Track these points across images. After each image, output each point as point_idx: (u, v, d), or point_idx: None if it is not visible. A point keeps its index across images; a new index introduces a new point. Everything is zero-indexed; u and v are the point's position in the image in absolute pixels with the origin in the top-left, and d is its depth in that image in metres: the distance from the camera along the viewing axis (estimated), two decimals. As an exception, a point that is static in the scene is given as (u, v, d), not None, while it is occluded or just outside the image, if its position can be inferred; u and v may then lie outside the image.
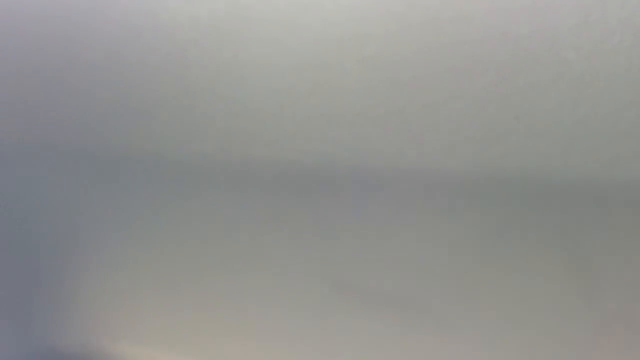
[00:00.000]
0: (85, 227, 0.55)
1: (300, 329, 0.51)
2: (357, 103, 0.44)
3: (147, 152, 0.51)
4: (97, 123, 0.52)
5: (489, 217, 0.43)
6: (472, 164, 0.42)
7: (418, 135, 0.43)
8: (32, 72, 0.53)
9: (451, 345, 0.46)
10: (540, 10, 0.39)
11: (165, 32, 0.49)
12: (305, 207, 0.47)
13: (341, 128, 0.45)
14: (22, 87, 0.54)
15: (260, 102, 0.47)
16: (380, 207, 0.46)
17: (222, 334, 0.53)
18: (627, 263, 0.40)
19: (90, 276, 0.56)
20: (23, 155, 0.55)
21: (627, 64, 0.38)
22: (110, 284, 0.56)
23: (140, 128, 0.51)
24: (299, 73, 0.45)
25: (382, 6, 0.43)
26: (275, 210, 0.48)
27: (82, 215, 0.55)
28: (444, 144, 0.42)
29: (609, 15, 0.38)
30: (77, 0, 0.51)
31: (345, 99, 0.44)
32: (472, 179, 0.42)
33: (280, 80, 0.46)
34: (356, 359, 0.50)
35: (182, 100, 0.49)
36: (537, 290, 0.43)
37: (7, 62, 0.54)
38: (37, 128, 0.54)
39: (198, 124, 0.49)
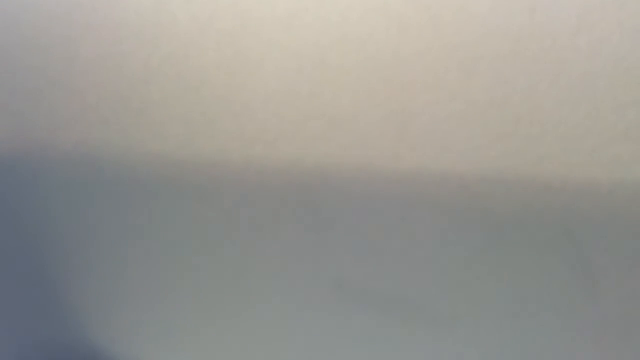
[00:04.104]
0: (84, 227, 0.55)
1: (300, 328, 0.51)
2: (357, 104, 0.44)
3: (147, 152, 0.51)
4: (97, 123, 0.52)
5: (489, 218, 0.43)
6: (472, 164, 0.42)
7: (418, 136, 0.43)
8: (31, 71, 0.53)
9: (450, 345, 0.46)
10: (540, 11, 0.39)
11: (166, 33, 0.49)
12: (305, 208, 0.48)
13: (341, 128, 0.45)
14: (22, 87, 0.54)
15: (260, 103, 0.47)
16: (379, 208, 0.46)
17: (223, 334, 0.53)
18: (629, 264, 0.40)
19: (90, 277, 0.56)
20: (23, 155, 0.55)
21: (627, 65, 0.38)
22: (110, 284, 0.56)
23: (140, 128, 0.51)
24: (299, 73, 0.45)
25: (382, 7, 0.43)
26: (275, 211, 0.48)
27: (82, 216, 0.55)
28: (444, 145, 0.42)
29: (609, 15, 0.38)
30: None
31: (346, 100, 0.44)
32: (472, 179, 0.42)
33: (280, 80, 0.46)
34: (356, 359, 0.50)
35: (182, 100, 0.49)
36: (538, 291, 0.43)
37: (7, 61, 0.54)
38: (37, 128, 0.54)
39: (198, 124, 0.49)
